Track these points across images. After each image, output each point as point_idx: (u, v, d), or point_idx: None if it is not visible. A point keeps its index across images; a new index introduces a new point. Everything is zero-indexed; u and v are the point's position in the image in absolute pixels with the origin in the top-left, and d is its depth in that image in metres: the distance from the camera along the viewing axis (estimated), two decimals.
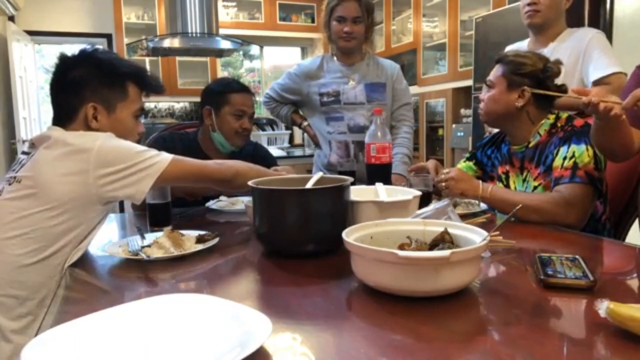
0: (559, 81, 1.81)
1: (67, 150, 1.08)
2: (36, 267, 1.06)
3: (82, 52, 1.22)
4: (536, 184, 1.45)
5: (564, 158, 1.36)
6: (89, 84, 1.17)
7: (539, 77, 1.45)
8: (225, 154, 1.86)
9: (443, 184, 1.43)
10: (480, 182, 1.44)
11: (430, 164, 1.63)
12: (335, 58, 2.16)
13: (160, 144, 1.77)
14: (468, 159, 1.74)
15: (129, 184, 1.10)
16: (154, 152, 1.15)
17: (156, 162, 1.13)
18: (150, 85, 1.29)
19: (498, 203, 1.41)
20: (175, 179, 1.19)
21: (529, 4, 1.86)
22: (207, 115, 1.84)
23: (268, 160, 1.99)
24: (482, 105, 1.53)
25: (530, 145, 1.48)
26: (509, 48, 2.07)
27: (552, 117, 1.48)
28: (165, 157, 1.15)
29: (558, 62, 1.49)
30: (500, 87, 1.46)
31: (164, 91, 1.36)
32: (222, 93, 1.83)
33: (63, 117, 1.18)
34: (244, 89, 1.86)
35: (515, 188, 1.52)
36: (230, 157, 1.84)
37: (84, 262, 1.12)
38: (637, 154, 1.33)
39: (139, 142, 1.25)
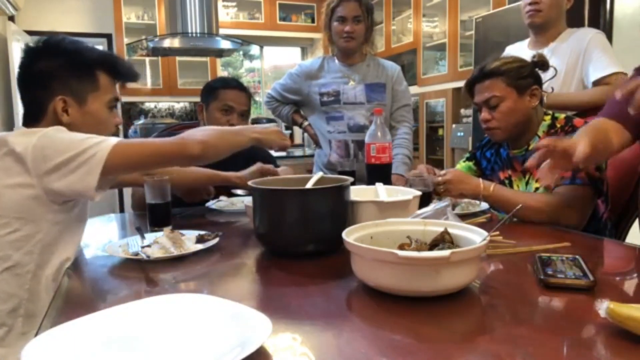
0: (558, 81, 1.82)
1: (5, 150, 1.00)
2: (1, 277, 1.01)
3: (47, 43, 1.13)
4: (537, 185, 1.45)
5: None
6: (56, 76, 1.09)
7: (536, 72, 1.47)
8: None
9: (440, 187, 1.42)
10: (481, 180, 1.43)
11: (422, 167, 1.56)
12: (336, 59, 2.17)
13: None
14: (468, 159, 1.74)
15: (75, 181, 0.99)
16: (96, 139, 1.01)
17: (97, 151, 0.99)
18: (121, 73, 1.20)
19: (499, 202, 1.40)
20: (125, 167, 1.06)
21: (530, 4, 1.86)
22: (200, 111, 1.87)
23: (267, 160, 1.99)
24: (493, 124, 1.45)
25: (530, 147, 1.48)
26: (509, 48, 2.07)
27: (548, 118, 1.48)
28: (107, 144, 1.01)
29: (541, 55, 1.49)
30: (512, 97, 1.42)
31: (138, 78, 1.27)
32: (214, 88, 1.83)
33: (32, 114, 1.11)
34: (237, 86, 1.84)
35: None
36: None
37: (84, 262, 1.12)
38: (637, 152, 1.33)
39: (116, 134, 1.19)
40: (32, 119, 1.11)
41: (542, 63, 1.47)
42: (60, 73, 1.10)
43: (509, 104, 1.43)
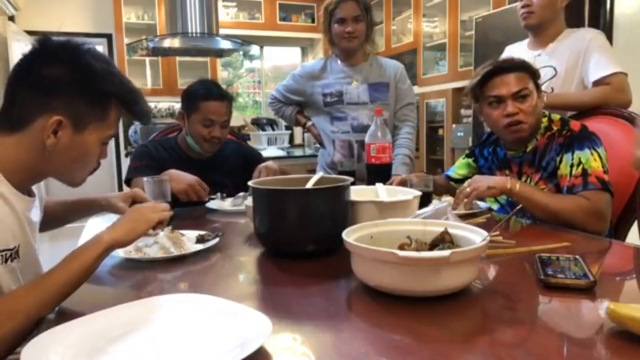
0: (558, 81, 1.82)
1: None
2: None
3: (72, 48, 0.92)
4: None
5: (571, 166, 1.35)
6: (63, 91, 0.89)
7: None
8: (207, 157, 1.86)
9: (467, 189, 1.38)
10: (508, 177, 1.41)
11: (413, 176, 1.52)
12: (338, 60, 2.17)
13: (144, 152, 1.81)
14: (467, 156, 1.74)
15: None
16: None
17: None
18: (135, 113, 1.02)
19: (524, 200, 1.33)
20: None
21: (522, 6, 1.86)
22: (181, 118, 1.85)
23: (253, 157, 2.00)
24: (522, 117, 1.40)
25: (528, 150, 1.48)
26: (509, 48, 2.07)
27: (545, 120, 1.48)
28: None
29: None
30: (534, 95, 1.41)
31: (150, 121, 1.12)
32: (194, 99, 1.80)
33: (14, 118, 0.89)
34: (218, 97, 1.79)
35: None
36: (213, 158, 1.85)
37: None
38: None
39: (96, 169, 1.03)
40: (11, 124, 0.90)
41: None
42: (70, 90, 0.90)
43: (534, 100, 1.41)
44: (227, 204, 1.71)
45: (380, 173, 1.61)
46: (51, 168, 0.94)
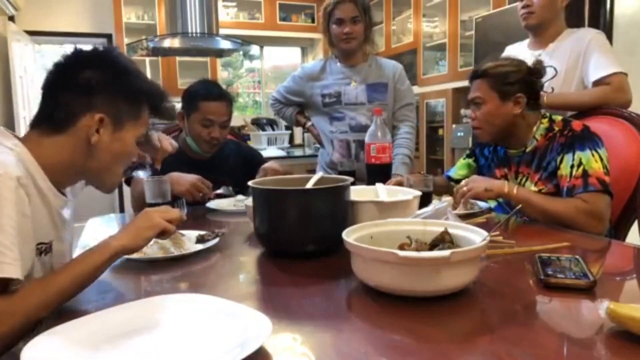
0: (559, 81, 1.82)
1: None
2: None
3: (102, 53, 1.01)
4: (536, 189, 1.44)
5: (572, 166, 1.35)
6: (103, 90, 0.96)
7: (528, 80, 1.46)
8: (206, 157, 1.86)
9: (464, 188, 1.40)
10: (505, 181, 1.43)
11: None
12: (337, 60, 2.17)
13: None
14: (467, 156, 1.75)
15: None
16: None
17: None
18: (161, 112, 1.08)
19: (522, 204, 1.31)
20: None
21: (522, 6, 1.87)
22: (180, 119, 1.85)
23: (253, 157, 2.00)
24: (476, 123, 1.51)
25: (528, 150, 1.48)
26: (509, 48, 2.07)
27: (545, 121, 1.48)
28: None
29: (540, 62, 1.51)
30: (494, 101, 1.45)
31: (174, 118, 1.14)
32: (194, 99, 1.80)
33: (57, 120, 0.94)
34: (218, 97, 1.80)
35: None
36: (213, 159, 1.86)
37: None
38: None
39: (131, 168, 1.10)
40: (54, 126, 0.94)
41: (537, 71, 1.48)
42: (109, 89, 0.97)
43: (489, 107, 1.46)
44: (227, 204, 1.71)
45: (380, 173, 1.61)
46: (92, 166, 0.98)
